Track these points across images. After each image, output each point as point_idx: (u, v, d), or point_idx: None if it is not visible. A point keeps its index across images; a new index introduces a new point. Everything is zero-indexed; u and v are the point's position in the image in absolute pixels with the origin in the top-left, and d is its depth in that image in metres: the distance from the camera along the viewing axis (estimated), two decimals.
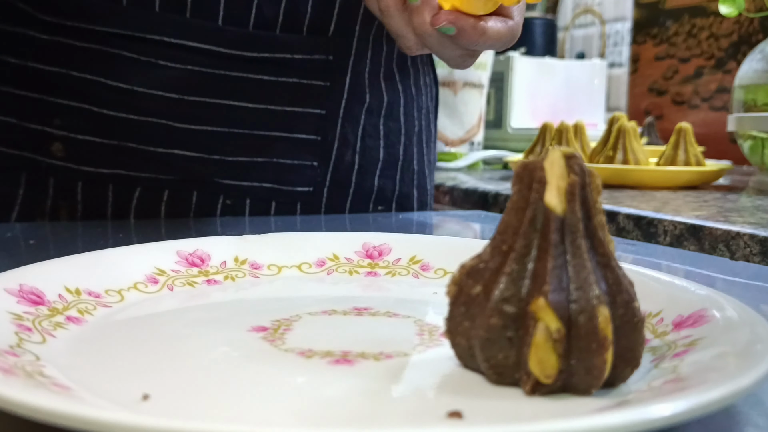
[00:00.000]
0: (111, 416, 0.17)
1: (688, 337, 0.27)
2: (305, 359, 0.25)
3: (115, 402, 0.21)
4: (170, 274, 0.36)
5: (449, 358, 0.25)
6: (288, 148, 0.61)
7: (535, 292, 0.22)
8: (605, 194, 0.78)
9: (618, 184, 0.86)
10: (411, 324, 0.30)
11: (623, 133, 0.87)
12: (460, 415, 0.20)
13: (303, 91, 0.60)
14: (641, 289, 0.30)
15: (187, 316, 0.32)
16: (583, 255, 0.23)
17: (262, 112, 0.59)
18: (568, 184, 0.23)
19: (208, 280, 0.37)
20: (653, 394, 0.22)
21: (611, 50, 1.68)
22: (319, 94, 0.60)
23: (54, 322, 0.28)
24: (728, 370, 0.22)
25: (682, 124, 0.92)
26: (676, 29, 1.55)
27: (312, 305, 0.33)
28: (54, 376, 0.22)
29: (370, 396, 0.22)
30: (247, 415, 0.20)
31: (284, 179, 0.61)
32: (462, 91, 1.15)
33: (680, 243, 0.59)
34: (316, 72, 0.60)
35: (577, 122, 0.97)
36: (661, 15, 1.58)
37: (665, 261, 0.50)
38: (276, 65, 0.58)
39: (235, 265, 0.38)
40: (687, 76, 1.53)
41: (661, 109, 1.57)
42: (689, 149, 0.90)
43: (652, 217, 0.62)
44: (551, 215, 0.23)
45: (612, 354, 0.22)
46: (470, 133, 1.18)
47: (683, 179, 0.88)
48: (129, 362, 0.25)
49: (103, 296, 0.32)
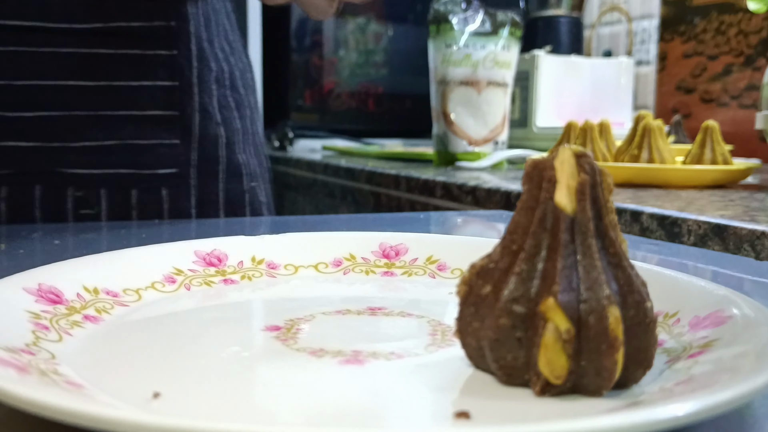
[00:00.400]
0: (118, 414, 0.17)
1: (705, 338, 0.27)
2: (316, 359, 0.25)
3: (125, 400, 0.21)
4: (188, 274, 0.36)
5: (460, 359, 0.25)
6: (142, 128, 0.55)
7: (544, 292, 0.22)
8: (629, 193, 0.77)
9: (643, 183, 0.85)
10: (424, 324, 0.30)
11: (648, 131, 0.86)
12: (468, 416, 0.20)
13: (148, 62, 0.55)
14: (658, 289, 0.30)
15: (202, 315, 0.32)
16: (593, 255, 0.22)
17: (105, 90, 0.54)
18: (579, 183, 0.23)
19: (225, 280, 0.37)
20: (664, 395, 0.22)
21: (638, 48, 1.66)
22: (166, 64, 0.56)
23: (71, 320, 0.28)
24: (742, 371, 0.22)
25: (709, 122, 0.91)
26: (704, 26, 1.53)
27: (326, 305, 0.33)
28: (67, 375, 0.22)
29: (378, 396, 0.22)
30: (253, 414, 0.21)
31: (143, 162, 0.56)
32: (485, 90, 1.14)
33: (704, 243, 0.58)
34: (159, 40, 0.55)
35: (602, 121, 0.96)
36: (688, 12, 1.56)
37: (690, 261, 0.49)
38: (113, 36, 0.53)
39: (252, 264, 0.39)
40: (715, 73, 1.51)
41: (689, 107, 1.56)
42: (716, 148, 0.89)
43: (676, 217, 0.61)
44: (561, 215, 0.23)
45: (623, 355, 0.22)
46: (494, 133, 1.17)
47: (709, 178, 0.86)
48: (141, 361, 0.25)
49: (121, 295, 0.32)
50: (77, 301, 0.30)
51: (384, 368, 0.24)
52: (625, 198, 0.72)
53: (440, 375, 0.24)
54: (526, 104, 1.38)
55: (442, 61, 1.15)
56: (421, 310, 0.32)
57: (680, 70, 1.58)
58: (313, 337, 0.28)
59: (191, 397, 0.22)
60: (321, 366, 0.24)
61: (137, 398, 0.21)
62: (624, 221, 0.66)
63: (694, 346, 0.26)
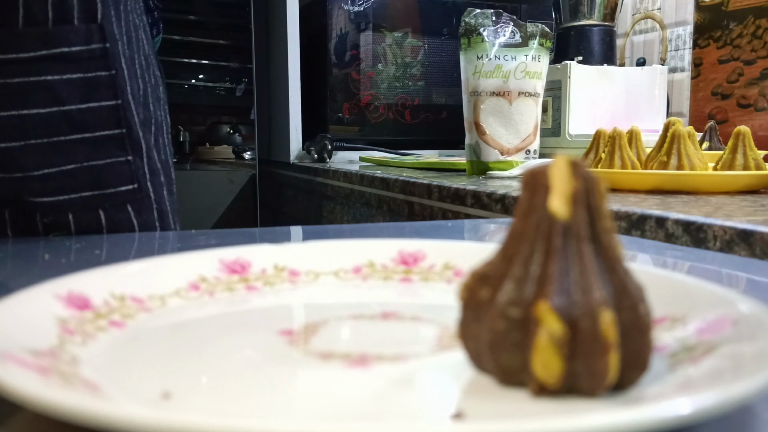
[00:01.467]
0: (129, 413, 0.18)
1: (709, 342, 0.27)
2: (323, 362, 0.26)
3: (137, 400, 0.22)
4: (212, 281, 0.38)
5: (463, 362, 0.26)
6: (97, 149, 0.57)
7: (538, 296, 0.23)
8: (656, 200, 0.77)
9: (672, 189, 0.85)
10: (434, 328, 0.31)
11: (678, 137, 0.86)
12: (462, 416, 0.21)
13: (92, 84, 0.57)
14: (665, 293, 0.30)
15: (222, 321, 0.34)
16: (586, 259, 0.23)
17: (57, 116, 0.55)
18: (572, 190, 0.23)
19: (247, 287, 0.38)
20: (660, 394, 0.23)
21: (672, 54, 1.65)
22: (108, 84, 0.58)
23: (97, 325, 0.30)
24: (744, 371, 0.22)
25: (741, 127, 0.90)
26: (740, 31, 1.51)
27: (342, 310, 0.34)
28: (86, 376, 0.24)
29: (380, 397, 0.23)
30: (251, 413, 0.22)
31: (103, 182, 0.58)
32: (517, 101, 1.15)
33: (731, 248, 0.58)
34: (98, 61, 0.57)
35: (632, 128, 0.96)
36: (724, 17, 1.55)
37: (716, 267, 0.49)
38: (58, 62, 0.55)
39: (275, 272, 0.40)
40: (752, 78, 1.49)
41: (726, 113, 1.54)
42: (748, 153, 0.88)
43: (701, 222, 0.61)
44: (555, 221, 0.23)
45: (617, 357, 0.23)
46: (526, 142, 1.17)
47: (740, 183, 0.86)
48: (156, 362, 0.27)
49: (146, 302, 0.34)
50: (104, 307, 0.32)
51: (388, 370, 0.25)
52: (652, 204, 0.72)
53: (441, 377, 0.25)
54: (559, 113, 1.38)
55: (474, 72, 1.15)
56: (432, 315, 0.33)
57: (716, 76, 1.57)
58: (324, 340, 0.29)
59: (199, 397, 0.23)
60: (327, 368, 0.25)
61: (148, 398, 0.22)
62: (649, 227, 0.66)
63: (699, 349, 0.27)
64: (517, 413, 0.22)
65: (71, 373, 0.24)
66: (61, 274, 0.32)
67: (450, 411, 0.22)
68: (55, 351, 0.25)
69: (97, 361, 0.26)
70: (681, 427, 0.19)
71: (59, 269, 0.44)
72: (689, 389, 0.23)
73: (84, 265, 0.35)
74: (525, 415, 0.22)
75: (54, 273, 0.33)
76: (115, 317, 0.31)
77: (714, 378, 0.23)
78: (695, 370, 0.25)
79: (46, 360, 0.24)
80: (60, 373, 0.23)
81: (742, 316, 0.28)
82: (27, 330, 0.26)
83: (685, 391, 0.23)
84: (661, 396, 0.23)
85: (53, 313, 0.29)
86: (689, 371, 0.25)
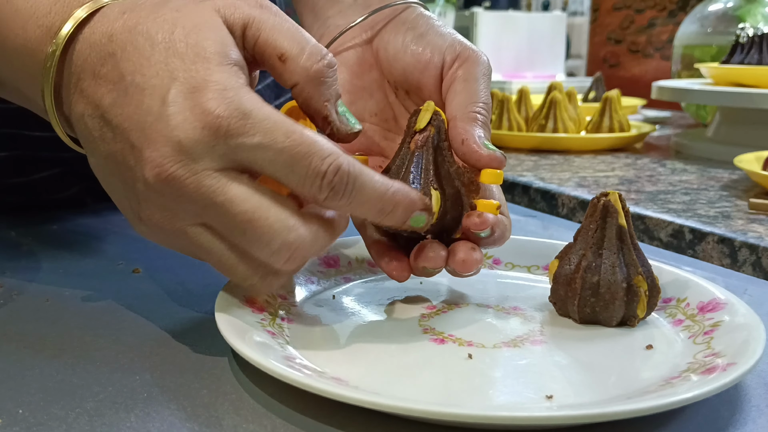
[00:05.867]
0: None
1: (711, 319, 0.37)
2: (439, 345, 0.35)
3: None
4: None
5: (548, 350, 0.35)
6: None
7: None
8: (532, 161, 0.92)
9: (549, 149, 1.01)
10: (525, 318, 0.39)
11: (555, 103, 1.01)
12: (552, 398, 0.30)
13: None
14: (668, 279, 0.41)
15: None
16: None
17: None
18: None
19: None
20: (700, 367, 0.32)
21: (573, 0, 1.79)
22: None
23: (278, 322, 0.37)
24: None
25: (610, 92, 1.06)
26: None
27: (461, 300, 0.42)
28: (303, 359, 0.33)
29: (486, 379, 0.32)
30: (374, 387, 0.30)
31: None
32: None
33: (574, 214, 0.74)
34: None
35: (522, 87, 1.11)
36: None
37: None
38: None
39: None
40: (641, 26, 1.64)
41: (618, 57, 1.70)
42: (614, 116, 1.04)
43: (555, 191, 0.77)
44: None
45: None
46: None
47: (604, 144, 1.02)
48: (341, 343, 0.36)
49: None
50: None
51: (490, 356, 0.34)
52: (524, 170, 0.88)
53: (532, 362, 0.34)
54: None
55: None
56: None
57: (611, 21, 1.71)
58: (445, 326, 0.37)
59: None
60: (443, 350, 0.35)
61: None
62: (517, 193, 0.81)
63: (706, 324, 0.37)
64: (602, 396, 0.31)
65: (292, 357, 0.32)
66: None
67: (544, 393, 0.30)
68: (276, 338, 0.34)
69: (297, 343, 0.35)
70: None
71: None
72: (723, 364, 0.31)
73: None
74: (607, 399, 0.30)
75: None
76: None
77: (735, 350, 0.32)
78: (712, 342, 0.34)
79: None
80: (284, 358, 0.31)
81: (728, 299, 0.38)
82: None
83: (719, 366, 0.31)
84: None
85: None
86: (708, 343, 0.35)
